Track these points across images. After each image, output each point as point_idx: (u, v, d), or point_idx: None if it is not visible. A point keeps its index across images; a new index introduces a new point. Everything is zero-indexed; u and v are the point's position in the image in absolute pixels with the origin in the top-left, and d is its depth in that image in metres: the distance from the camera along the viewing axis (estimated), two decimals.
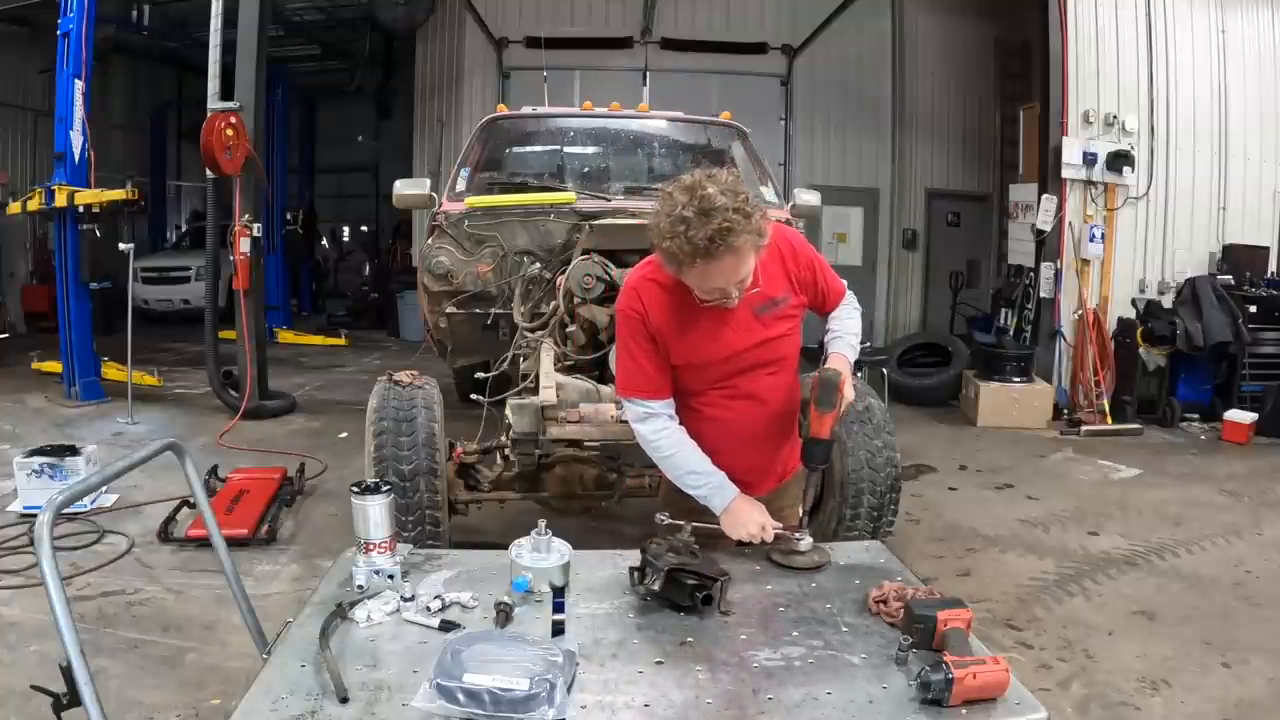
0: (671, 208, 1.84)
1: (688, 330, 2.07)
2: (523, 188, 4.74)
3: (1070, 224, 7.84)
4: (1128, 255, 8.02)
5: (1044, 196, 7.88)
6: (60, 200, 6.89)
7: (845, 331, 2.29)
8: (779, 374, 2.20)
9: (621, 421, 3.31)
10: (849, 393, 2.09)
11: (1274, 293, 7.62)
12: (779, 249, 2.12)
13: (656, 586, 1.77)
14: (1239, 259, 7.99)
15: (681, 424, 2.17)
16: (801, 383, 2.33)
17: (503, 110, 5.84)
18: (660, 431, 2.13)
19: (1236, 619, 3.83)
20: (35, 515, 1.74)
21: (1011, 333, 8.37)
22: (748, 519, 2.07)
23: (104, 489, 4.52)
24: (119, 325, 7.10)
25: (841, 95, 11.20)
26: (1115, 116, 7.86)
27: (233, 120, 6.64)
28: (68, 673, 1.46)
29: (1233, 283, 7.65)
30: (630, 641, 1.68)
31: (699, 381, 2.15)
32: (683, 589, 1.76)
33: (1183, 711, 3.08)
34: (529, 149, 5.71)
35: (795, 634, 1.70)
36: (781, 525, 2.10)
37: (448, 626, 1.69)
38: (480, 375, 3.94)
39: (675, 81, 9.83)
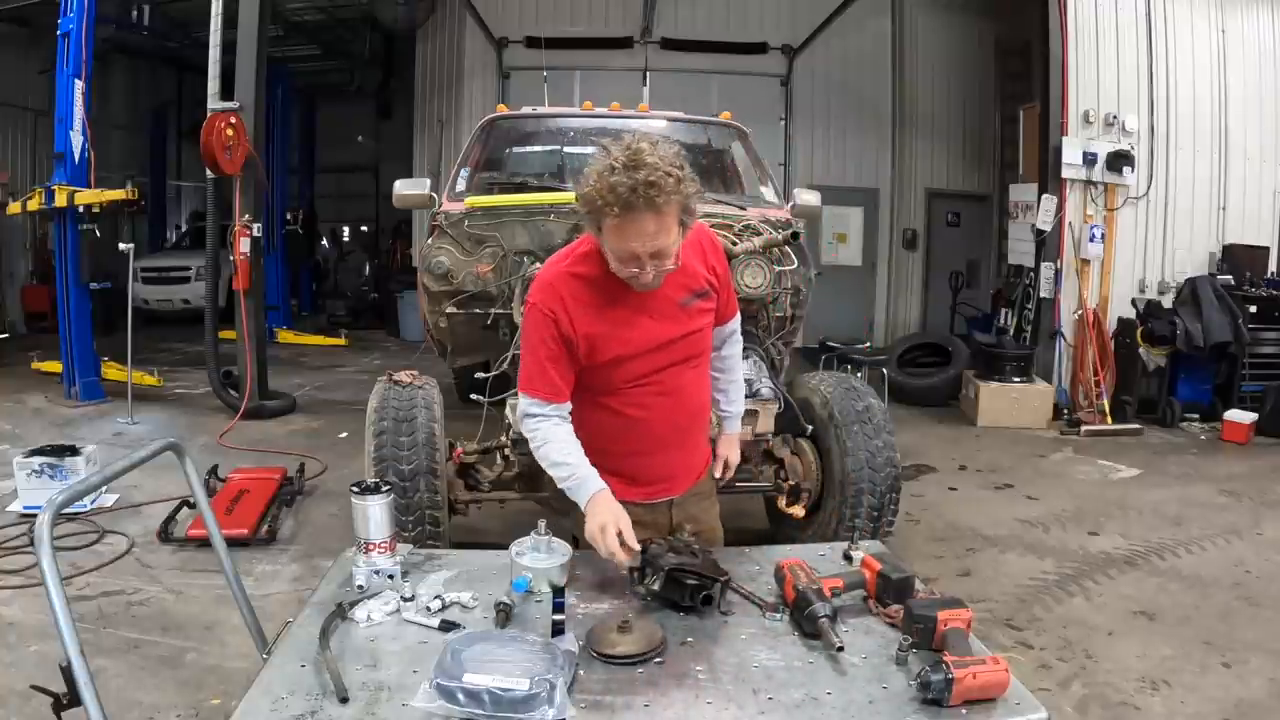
0: (604, 158, 1.81)
1: (611, 322, 1.97)
2: (523, 188, 4.72)
3: (1070, 224, 7.83)
4: (1128, 255, 8.01)
5: (1044, 196, 7.87)
6: (60, 200, 6.89)
7: (737, 398, 2.41)
8: (699, 368, 2.16)
9: None
10: (734, 457, 2.37)
11: (1274, 293, 7.62)
12: (701, 243, 2.09)
13: (656, 586, 1.77)
14: (1239, 259, 7.99)
15: (599, 424, 2.07)
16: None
17: (503, 110, 5.83)
18: (539, 425, 2.02)
19: (1236, 619, 3.83)
20: (35, 515, 1.74)
21: (1011, 333, 8.36)
22: (595, 520, 1.88)
23: (104, 489, 4.53)
24: (119, 325, 7.09)
25: (841, 95, 11.22)
26: (1115, 116, 7.86)
27: (233, 120, 6.64)
28: (68, 673, 1.46)
29: (1233, 283, 7.64)
30: None
31: (620, 378, 2.03)
32: (683, 589, 1.76)
33: (1183, 711, 3.08)
34: (529, 149, 5.70)
35: (795, 634, 1.69)
36: (638, 542, 1.86)
37: (448, 626, 1.69)
38: (480, 375, 3.94)
39: (675, 81, 9.81)
